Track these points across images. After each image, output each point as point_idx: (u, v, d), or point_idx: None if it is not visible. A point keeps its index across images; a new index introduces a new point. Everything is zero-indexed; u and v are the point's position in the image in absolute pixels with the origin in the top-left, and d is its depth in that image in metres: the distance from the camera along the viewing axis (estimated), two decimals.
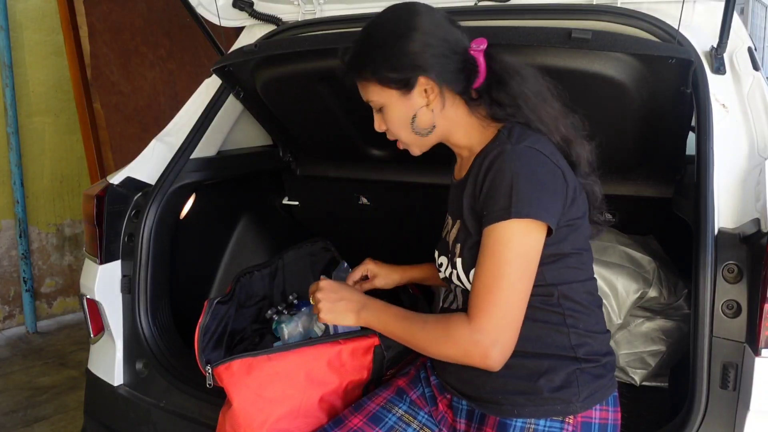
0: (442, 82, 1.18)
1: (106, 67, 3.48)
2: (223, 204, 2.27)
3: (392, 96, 1.20)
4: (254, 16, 2.04)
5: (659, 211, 1.84)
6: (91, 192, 1.83)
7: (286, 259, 1.93)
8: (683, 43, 1.48)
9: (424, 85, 1.18)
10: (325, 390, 1.32)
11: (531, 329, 1.16)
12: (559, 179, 1.13)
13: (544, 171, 1.12)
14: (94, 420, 1.89)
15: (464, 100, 1.22)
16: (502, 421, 1.17)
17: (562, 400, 1.15)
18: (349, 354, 1.33)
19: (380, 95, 1.21)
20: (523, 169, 1.10)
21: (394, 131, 1.26)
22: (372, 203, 2.39)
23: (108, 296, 1.80)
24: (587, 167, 1.24)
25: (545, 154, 1.13)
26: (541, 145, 1.14)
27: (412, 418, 1.28)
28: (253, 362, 1.29)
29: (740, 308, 1.22)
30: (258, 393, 1.28)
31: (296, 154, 2.41)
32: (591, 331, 1.20)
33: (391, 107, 1.22)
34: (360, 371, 1.35)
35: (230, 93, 2.03)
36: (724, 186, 1.35)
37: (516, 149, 1.12)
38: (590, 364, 1.18)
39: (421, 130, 1.23)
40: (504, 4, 1.70)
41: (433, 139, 1.26)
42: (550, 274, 1.16)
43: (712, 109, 1.43)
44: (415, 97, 1.19)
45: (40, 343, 3.60)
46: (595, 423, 1.17)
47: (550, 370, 1.15)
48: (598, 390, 1.18)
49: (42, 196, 3.80)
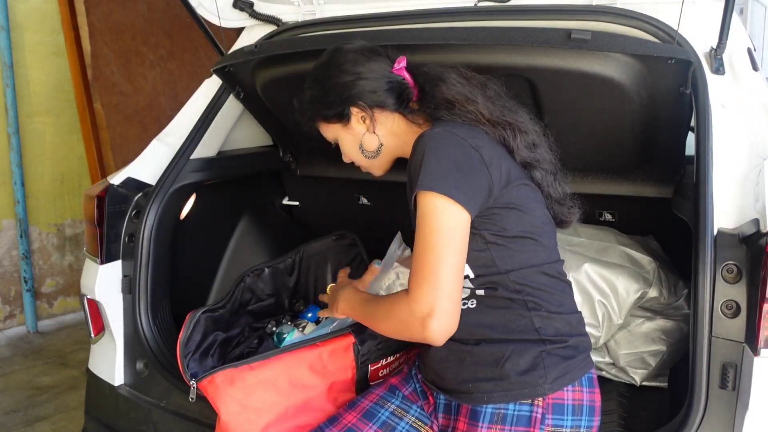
0: (374, 105, 1.32)
1: (106, 67, 3.49)
2: (223, 204, 2.28)
3: (337, 129, 1.38)
4: (254, 17, 2.04)
5: (659, 211, 1.84)
6: (91, 192, 1.84)
7: (306, 253, 1.93)
8: (683, 43, 1.48)
9: (357, 114, 1.33)
10: (310, 394, 1.34)
11: (492, 316, 1.19)
12: (476, 160, 1.17)
13: (456, 151, 1.17)
14: (95, 420, 1.89)
15: (403, 115, 1.34)
16: (474, 409, 1.19)
17: (529, 384, 1.16)
18: (329, 355, 1.36)
19: (328, 131, 1.40)
20: (433, 148, 1.16)
21: (351, 158, 1.42)
22: (372, 203, 2.39)
23: (109, 296, 1.80)
24: (528, 152, 1.28)
25: (460, 136, 1.18)
26: (458, 130, 1.20)
27: (404, 412, 1.31)
28: (235, 373, 1.30)
29: (739, 308, 1.22)
30: (243, 403, 1.29)
31: (296, 154, 2.41)
32: (555, 312, 1.21)
33: (341, 139, 1.39)
34: (344, 371, 1.37)
35: (230, 93, 2.03)
36: (724, 186, 1.35)
37: (431, 132, 1.20)
38: (556, 345, 1.19)
39: (369, 153, 1.37)
40: (504, 4, 1.70)
41: (387, 158, 1.39)
42: (500, 259, 1.19)
43: (712, 110, 1.43)
44: (354, 125, 1.35)
45: (41, 342, 3.60)
46: (567, 404, 1.18)
47: (515, 354, 1.17)
48: (568, 371, 1.19)
49: (43, 196, 3.80)
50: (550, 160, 1.32)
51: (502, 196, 1.19)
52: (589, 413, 1.22)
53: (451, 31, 1.58)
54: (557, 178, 1.34)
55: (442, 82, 1.29)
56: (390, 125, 1.35)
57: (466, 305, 1.22)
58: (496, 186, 1.18)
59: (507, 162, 1.23)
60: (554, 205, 1.35)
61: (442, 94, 1.28)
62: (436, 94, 1.29)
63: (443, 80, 1.29)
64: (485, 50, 1.57)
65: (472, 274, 1.21)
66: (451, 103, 1.26)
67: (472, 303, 1.22)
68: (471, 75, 1.32)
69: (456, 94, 1.27)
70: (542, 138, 1.32)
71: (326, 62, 1.36)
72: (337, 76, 1.33)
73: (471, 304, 1.22)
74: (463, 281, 1.15)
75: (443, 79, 1.29)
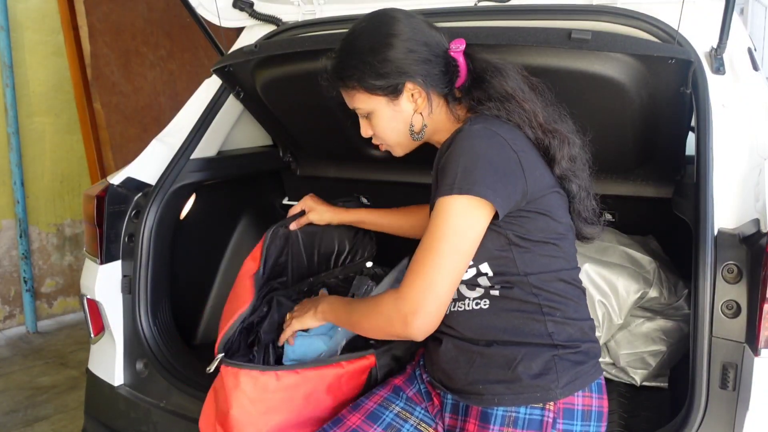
0: (428, 86, 1.22)
1: (106, 67, 3.49)
2: (223, 204, 2.27)
3: (380, 102, 1.25)
4: (254, 17, 2.04)
5: (659, 211, 1.84)
6: (91, 192, 1.84)
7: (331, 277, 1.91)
8: (683, 43, 1.48)
9: (411, 90, 1.23)
10: (319, 409, 1.34)
11: (507, 319, 1.18)
12: (514, 163, 1.14)
13: (496, 152, 1.14)
14: (95, 420, 1.89)
15: (446, 101, 1.27)
16: (484, 411, 1.18)
17: (541, 387, 1.15)
18: (347, 378, 1.35)
19: (367, 102, 1.26)
20: (474, 148, 1.13)
21: (382, 135, 1.30)
22: (372, 203, 2.39)
23: (108, 296, 1.80)
24: (568, 164, 1.25)
25: (503, 136, 1.15)
26: (500, 129, 1.16)
27: (409, 414, 1.30)
28: (260, 377, 1.29)
29: (740, 308, 1.22)
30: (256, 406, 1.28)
31: (296, 154, 2.41)
32: (569, 318, 1.20)
33: (378, 113, 1.26)
34: (354, 391, 1.37)
35: (230, 93, 2.03)
36: (724, 186, 1.35)
37: (471, 129, 1.15)
38: (568, 350, 1.18)
39: (414, 134, 1.28)
40: (504, 4, 1.70)
41: (420, 141, 1.31)
42: (520, 261, 1.17)
43: (712, 110, 1.43)
44: (403, 102, 1.24)
45: (41, 342, 3.60)
46: (578, 409, 1.18)
47: (528, 357, 1.16)
48: (578, 376, 1.18)
49: (42, 196, 3.80)
50: (586, 176, 1.30)
51: (534, 202, 1.17)
52: (598, 419, 1.22)
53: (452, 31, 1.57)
54: (589, 194, 1.31)
55: (501, 74, 1.23)
56: (435, 109, 1.26)
57: (479, 305, 1.21)
58: (529, 192, 1.16)
59: (542, 169, 1.21)
60: (580, 222, 1.31)
61: (501, 86, 1.22)
62: (494, 85, 1.22)
63: (503, 73, 1.24)
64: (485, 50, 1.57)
65: (491, 272, 1.19)
66: (507, 98, 1.21)
67: (485, 303, 1.20)
68: (526, 74, 1.28)
69: (515, 89, 1.22)
70: (582, 151, 1.29)
71: (384, 27, 1.21)
72: (397, 46, 1.20)
73: (483, 305, 1.20)
74: (457, 286, 1.15)
75: (503, 72, 1.24)
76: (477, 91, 1.24)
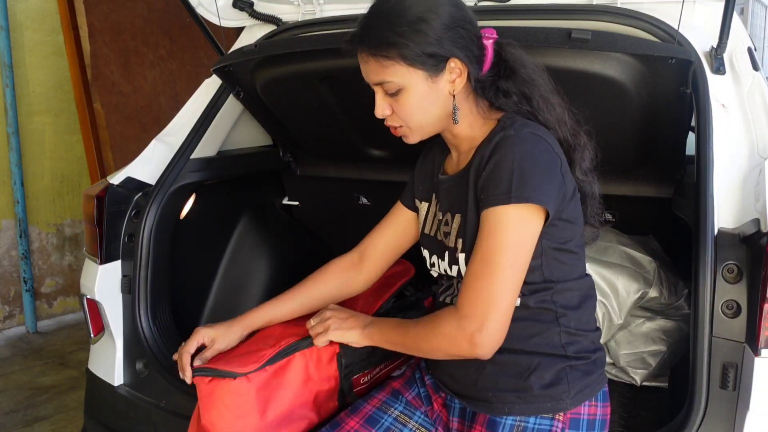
0: (469, 66, 1.13)
1: (106, 67, 3.48)
2: (223, 204, 2.27)
3: (418, 78, 1.11)
4: (254, 17, 2.04)
5: (659, 211, 1.84)
6: (91, 192, 1.83)
7: None
8: (683, 43, 1.48)
9: (453, 68, 1.12)
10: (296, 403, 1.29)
11: (523, 327, 1.15)
12: (558, 168, 1.12)
13: (546, 158, 1.11)
14: (94, 420, 1.89)
15: (473, 90, 1.18)
16: (492, 419, 1.17)
17: (552, 398, 1.14)
18: (315, 365, 1.31)
19: (403, 76, 1.11)
20: (527, 154, 1.08)
21: (408, 116, 1.15)
22: (372, 203, 2.39)
23: (108, 296, 1.80)
24: (588, 166, 1.23)
25: (546, 140, 1.13)
26: (544, 133, 1.14)
27: (408, 419, 1.28)
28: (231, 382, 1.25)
29: (740, 308, 1.22)
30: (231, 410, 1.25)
31: (296, 154, 2.41)
32: (581, 329, 1.20)
33: (412, 90, 1.12)
34: (328, 382, 1.33)
35: (230, 93, 2.03)
36: (724, 186, 1.35)
37: (520, 134, 1.11)
38: (580, 361, 1.17)
39: (445, 116, 1.17)
40: (504, 4, 1.70)
41: (439, 127, 1.20)
42: (547, 269, 1.15)
43: (712, 110, 1.43)
44: (442, 80, 1.12)
45: (41, 343, 3.60)
46: (583, 419, 1.18)
47: (541, 367, 1.15)
48: (587, 386, 1.18)
49: (42, 196, 3.80)
50: (595, 179, 1.28)
51: (566, 209, 1.14)
52: (601, 427, 1.21)
53: None
54: (597, 198, 1.29)
55: (529, 68, 1.19)
56: (464, 95, 1.18)
57: None
58: (567, 196, 1.14)
59: (570, 173, 1.18)
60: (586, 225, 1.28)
61: (532, 80, 1.18)
62: (523, 77, 1.17)
63: (529, 67, 1.19)
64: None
65: None
66: (540, 96, 1.18)
67: None
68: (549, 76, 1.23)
69: (548, 89, 1.19)
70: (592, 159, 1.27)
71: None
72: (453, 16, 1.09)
73: None
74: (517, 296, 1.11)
75: (529, 66, 1.20)
76: (505, 82, 1.17)
